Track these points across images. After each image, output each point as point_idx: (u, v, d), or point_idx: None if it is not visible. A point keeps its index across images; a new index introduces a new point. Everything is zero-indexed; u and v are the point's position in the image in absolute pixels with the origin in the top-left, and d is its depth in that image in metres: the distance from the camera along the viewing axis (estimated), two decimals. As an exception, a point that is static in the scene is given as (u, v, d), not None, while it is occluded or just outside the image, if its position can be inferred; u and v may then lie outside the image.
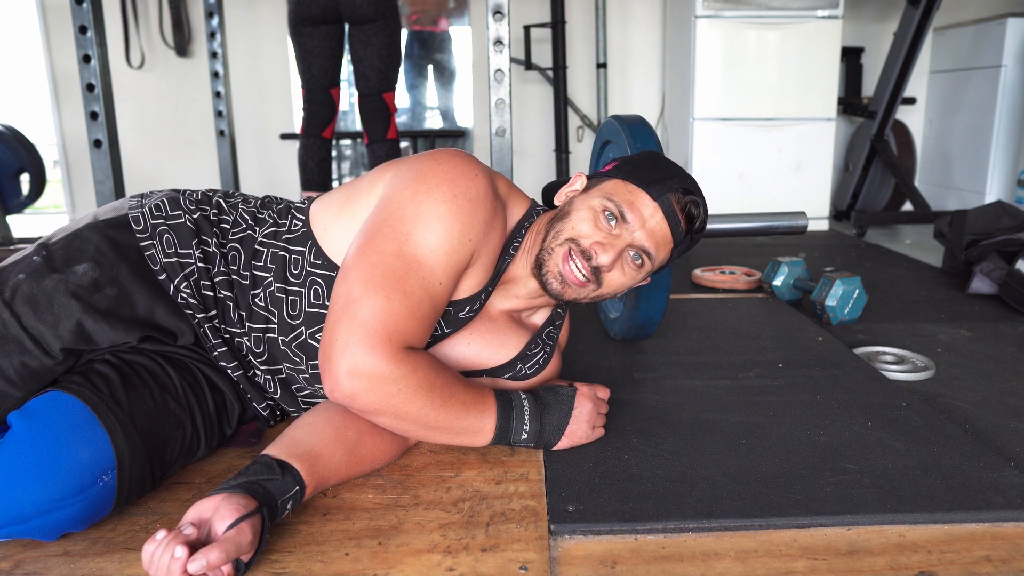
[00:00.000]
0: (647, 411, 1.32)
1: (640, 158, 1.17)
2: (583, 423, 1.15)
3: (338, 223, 1.13)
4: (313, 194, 2.95)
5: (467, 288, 1.12)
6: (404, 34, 4.27)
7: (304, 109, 2.88)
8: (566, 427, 1.13)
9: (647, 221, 1.09)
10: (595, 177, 1.17)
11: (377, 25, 2.70)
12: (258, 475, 0.92)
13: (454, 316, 1.13)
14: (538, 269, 1.12)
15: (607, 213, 1.09)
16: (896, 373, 1.57)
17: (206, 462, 1.14)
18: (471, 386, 1.08)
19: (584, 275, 1.09)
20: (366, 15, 2.67)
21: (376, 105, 2.83)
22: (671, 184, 1.10)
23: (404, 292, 0.99)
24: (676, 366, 1.57)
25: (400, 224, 1.02)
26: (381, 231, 1.03)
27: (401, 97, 4.34)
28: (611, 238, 1.09)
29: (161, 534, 0.81)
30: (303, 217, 1.16)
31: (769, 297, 2.17)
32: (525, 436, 1.11)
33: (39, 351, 0.97)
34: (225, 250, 1.13)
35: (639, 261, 1.11)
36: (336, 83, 2.86)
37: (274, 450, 0.98)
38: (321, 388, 1.15)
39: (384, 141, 2.87)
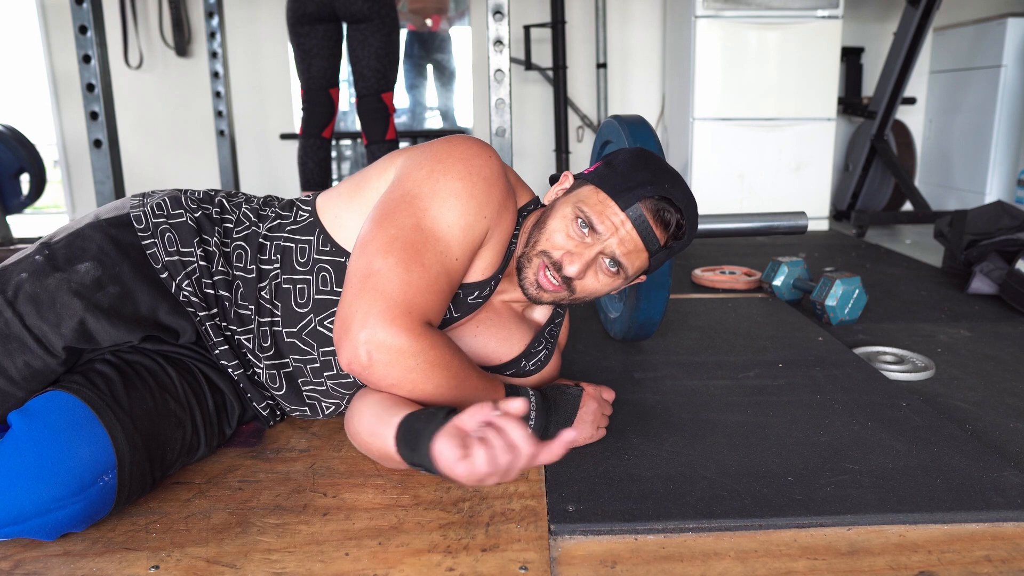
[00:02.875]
0: (647, 411, 1.32)
1: (621, 160, 1.14)
2: (587, 423, 1.15)
3: (349, 210, 1.13)
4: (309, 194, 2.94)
5: (478, 271, 1.12)
6: (403, 34, 4.27)
7: (303, 109, 2.87)
8: (571, 426, 1.14)
9: (618, 229, 1.08)
10: (579, 178, 1.17)
11: (374, 24, 2.69)
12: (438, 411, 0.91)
13: (463, 300, 1.13)
14: (518, 273, 1.13)
15: (579, 221, 1.09)
16: (896, 373, 1.57)
17: (206, 462, 1.14)
18: (483, 373, 1.08)
19: (556, 283, 1.10)
20: (361, 13, 2.65)
21: (375, 106, 2.81)
22: (643, 192, 1.07)
23: (423, 265, 1.00)
24: (676, 366, 1.57)
25: (417, 200, 1.03)
26: (399, 207, 1.03)
27: (401, 97, 4.34)
28: (582, 247, 1.08)
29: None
30: (309, 208, 1.17)
31: (769, 297, 2.17)
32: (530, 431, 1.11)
33: (42, 350, 0.97)
34: (229, 248, 1.13)
35: (614, 268, 1.10)
36: (335, 83, 2.86)
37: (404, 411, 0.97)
38: (329, 378, 1.15)
39: (383, 142, 2.85)
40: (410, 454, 0.90)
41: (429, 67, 4.35)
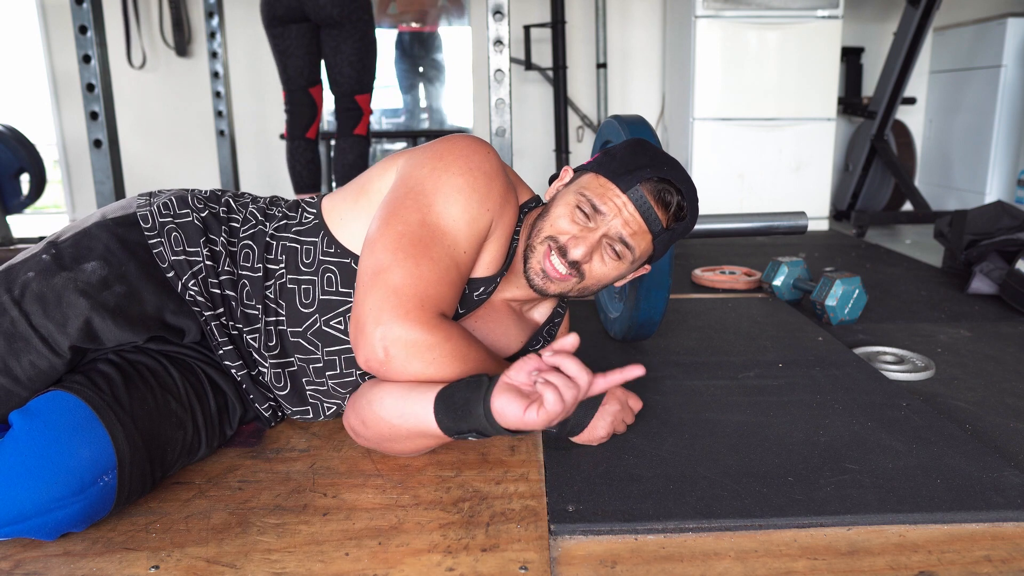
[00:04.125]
0: (647, 411, 1.32)
1: (619, 148, 1.16)
2: (606, 422, 1.15)
3: (353, 213, 1.14)
4: (314, 196, 2.92)
5: (483, 267, 1.13)
6: (395, 35, 4.27)
7: (286, 111, 2.84)
8: (590, 420, 1.14)
9: (620, 210, 1.09)
10: (579, 170, 1.18)
11: (345, 30, 2.63)
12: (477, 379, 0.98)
13: (469, 296, 1.14)
14: (524, 264, 1.14)
15: (580, 209, 1.10)
16: (896, 373, 1.57)
17: (206, 462, 1.14)
18: (501, 361, 1.08)
19: (564, 270, 1.10)
20: (331, 16, 2.59)
21: (349, 107, 2.76)
22: (642, 174, 1.09)
23: (432, 259, 1.01)
24: (676, 366, 1.57)
25: (421, 197, 1.04)
26: (404, 204, 1.04)
27: (399, 97, 4.33)
28: (585, 231, 1.09)
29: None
30: (314, 210, 1.18)
31: (769, 297, 2.16)
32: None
33: (47, 350, 0.97)
34: (235, 248, 1.14)
35: (619, 252, 1.11)
36: (315, 81, 2.80)
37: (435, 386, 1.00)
38: (332, 378, 1.16)
39: (350, 136, 2.79)
40: (456, 423, 0.95)
41: (429, 68, 4.35)
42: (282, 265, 1.13)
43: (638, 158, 1.12)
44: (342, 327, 1.12)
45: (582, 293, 1.16)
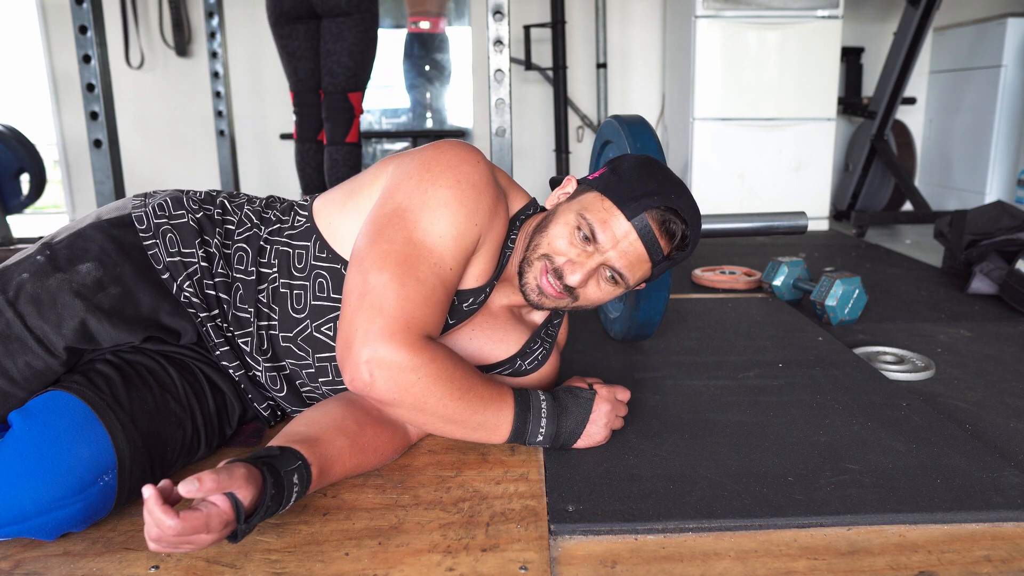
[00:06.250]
0: (647, 411, 1.32)
1: (628, 167, 1.13)
2: (601, 426, 1.15)
3: (342, 216, 1.13)
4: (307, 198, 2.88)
5: (472, 278, 1.12)
6: (403, 34, 4.27)
7: (295, 113, 2.80)
8: (583, 430, 1.13)
9: (619, 242, 1.07)
10: (583, 183, 1.17)
11: (352, 19, 2.55)
12: (256, 455, 0.92)
13: (458, 308, 1.13)
14: (519, 277, 1.13)
15: (581, 231, 1.08)
16: (896, 373, 1.57)
17: (206, 462, 1.14)
18: (489, 382, 1.08)
19: (558, 289, 1.10)
20: (339, 7, 2.52)
21: (340, 105, 2.66)
22: (650, 201, 1.07)
23: (418, 279, 1.00)
24: (676, 366, 1.57)
25: (408, 213, 1.03)
26: (390, 221, 1.03)
27: (401, 97, 4.34)
28: (584, 256, 1.08)
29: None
30: (306, 213, 1.17)
31: (769, 297, 2.16)
32: (541, 438, 1.11)
33: (43, 351, 0.97)
34: (230, 250, 1.13)
35: (615, 279, 1.10)
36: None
37: (272, 442, 0.99)
38: (324, 384, 1.16)
39: (343, 145, 2.70)
40: None
41: (429, 67, 4.35)
42: (275, 269, 1.13)
43: (646, 182, 1.09)
44: (332, 333, 1.12)
45: (576, 310, 1.17)
